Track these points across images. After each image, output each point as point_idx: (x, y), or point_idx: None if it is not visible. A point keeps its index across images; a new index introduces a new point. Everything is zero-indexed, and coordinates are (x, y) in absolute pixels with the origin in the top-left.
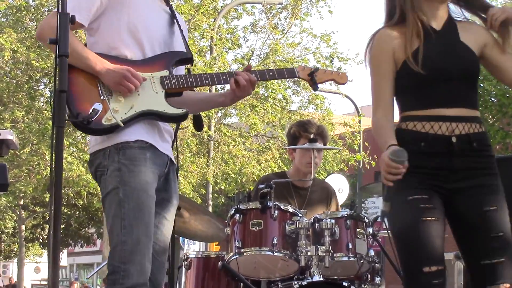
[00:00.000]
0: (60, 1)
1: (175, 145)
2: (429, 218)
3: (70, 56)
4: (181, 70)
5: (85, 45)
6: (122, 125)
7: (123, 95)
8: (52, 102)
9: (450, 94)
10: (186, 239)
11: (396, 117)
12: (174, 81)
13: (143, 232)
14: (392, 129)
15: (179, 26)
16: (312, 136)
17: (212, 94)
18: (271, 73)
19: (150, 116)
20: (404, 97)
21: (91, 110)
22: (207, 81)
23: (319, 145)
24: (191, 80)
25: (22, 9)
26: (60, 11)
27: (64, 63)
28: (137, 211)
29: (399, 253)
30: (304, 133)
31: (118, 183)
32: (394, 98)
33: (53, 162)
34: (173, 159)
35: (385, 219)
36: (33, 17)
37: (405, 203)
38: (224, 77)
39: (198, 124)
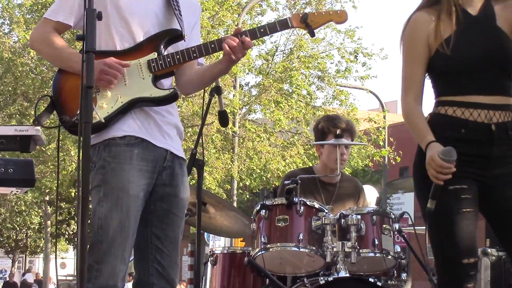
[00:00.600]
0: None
1: (201, 141)
2: (468, 210)
3: (55, 59)
4: (177, 47)
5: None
6: (103, 121)
7: (108, 88)
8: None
9: (486, 82)
10: (211, 235)
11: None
12: (161, 62)
13: (118, 232)
14: (425, 119)
15: (177, 7)
16: (339, 131)
17: (211, 64)
18: (262, 30)
19: (140, 104)
20: (440, 82)
21: (79, 111)
22: (194, 54)
23: (345, 141)
24: (178, 57)
25: (48, 5)
26: (87, 7)
27: (90, 58)
28: (114, 211)
29: (436, 244)
30: (333, 128)
31: (100, 181)
32: (430, 82)
33: (80, 158)
34: (177, 151)
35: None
36: None
37: (446, 193)
38: (213, 45)
39: (223, 120)
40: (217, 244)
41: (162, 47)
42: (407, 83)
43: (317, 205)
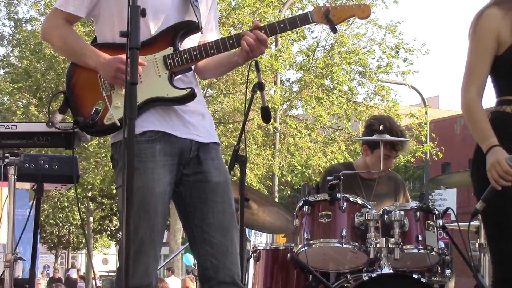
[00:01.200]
0: None
1: (243, 138)
2: None
3: (67, 53)
4: (194, 39)
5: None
6: (118, 124)
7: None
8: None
9: None
10: (252, 231)
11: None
12: (177, 58)
13: (147, 233)
14: (487, 118)
15: None
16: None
17: (227, 53)
18: (282, 25)
19: (156, 103)
20: (505, 81)
21: (93, 111)
22: (212, 51)
23: (388, 136)
24: (195, 53)
25: None
26: (131, 3)
27: (135, 55)
28: (142, 212)
29: (495, 241)
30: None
31: (123, 181)
32: (491, 80)
33: (125, 154)
34: (203, 138)
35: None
36: None
37: (506, 190)
38: (231, 41)
39: (266, 116)
40: (258, 240)
41: (178, 41)
42: (471, 74)
43: (360, 201)
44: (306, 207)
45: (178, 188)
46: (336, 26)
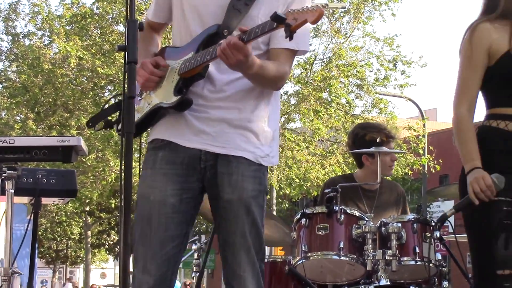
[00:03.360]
0: (128, 8)
1: None
2: (510, 222)
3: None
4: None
5: None
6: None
7: (148, 90)
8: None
9: None
10: None
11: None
12: (187, 63)
13: (139, 243)
14: (475, 137)
15: None
16: (386, 138)
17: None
18: (257, 30)
19: (163, 110)
20: (494, 94)
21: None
22: (208, 56)
23: (386, 148)
24: (198, 58)
25: (87, 16)
26: (128, 18)
27: (132, 69)
28: (138, 220)
29: (474, 253)
30: (383, 137)
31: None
32: (482, 94)
33: (122, 168)
34: (219, 149)
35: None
36: (97, 24)
37: (490, 203)
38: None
39: None
40: None
41: (200, 45)
42: (462, 89)
43: (357, 214)
44: (304, 219)
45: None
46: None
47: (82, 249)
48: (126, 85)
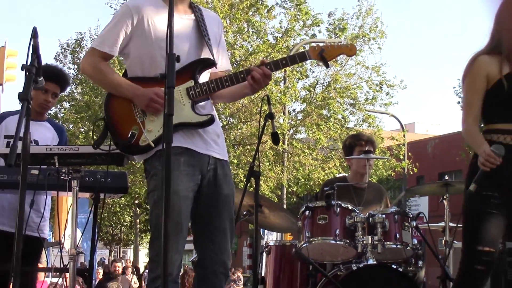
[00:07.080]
0: (168, 43)
1: (257, 156)
2: (494, 211)
3: (106, 85)
4: (205, 75)
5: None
6: (153, 146)
7: (154, 114)
8: None
9: None
10: (266, 231)
11: None
12: (198, 90)
13: (172, 229)
14: (481, 135)
15: (205, 31)
16: (364, 143)
17: (239, 85)
18: (284, 62)
19: (181, 127)
20: (490, 113)
21: (129, 135)
22: (227, 83)
23: (372, 155)
24: (213, 85)
25: None
26: (168, 51)
27: (171, 92)
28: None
29: (465, 233)
30: (358, 141)
31: (154, 186)
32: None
33: (164, 174)
34: (219, 155)
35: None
36: None
37: (480, 195)
38: (242, 75)
39: (275, 139)
40: (270, 238)
41: (197, 74)
42: (468, 109)
43: (350, 207)
44: (307, 211)
45: (196, 194)
46: (328, 62)
47: (132, 234)
48: (166, 104)
